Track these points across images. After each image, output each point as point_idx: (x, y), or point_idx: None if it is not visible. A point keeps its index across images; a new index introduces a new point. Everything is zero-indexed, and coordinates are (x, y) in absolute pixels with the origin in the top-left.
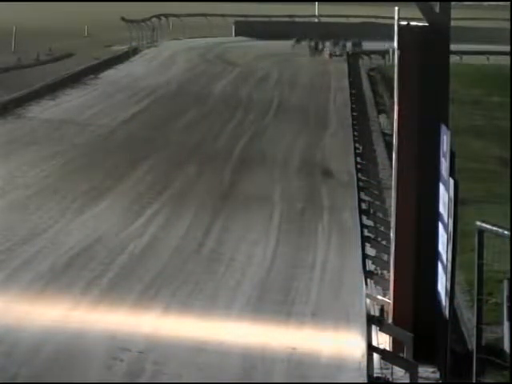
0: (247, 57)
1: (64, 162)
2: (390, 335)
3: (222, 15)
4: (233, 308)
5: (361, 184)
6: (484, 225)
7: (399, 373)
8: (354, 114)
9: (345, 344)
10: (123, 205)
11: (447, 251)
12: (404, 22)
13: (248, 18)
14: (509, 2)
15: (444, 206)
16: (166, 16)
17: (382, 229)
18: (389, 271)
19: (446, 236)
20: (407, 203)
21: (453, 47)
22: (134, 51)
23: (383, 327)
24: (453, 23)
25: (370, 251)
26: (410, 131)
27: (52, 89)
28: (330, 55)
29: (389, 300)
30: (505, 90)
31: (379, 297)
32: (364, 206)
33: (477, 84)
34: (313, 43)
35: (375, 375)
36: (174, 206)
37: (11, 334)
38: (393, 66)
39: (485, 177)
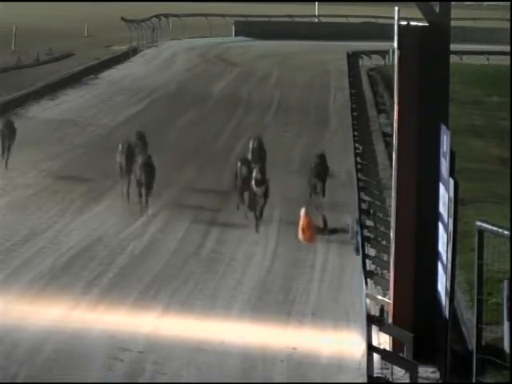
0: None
1: (64, 162)
2: (389, 335)
3: (222, 15)
4: (233, 308)
5: (361, 184)
6: (484, 225)
7: (399, 373)
8: None
9: (345, 344)
10: (123, 205)
11: (447, 251)
12: (404, 22)
13: (248, 18)
14: (509, 2)
15: (444, 206)
16: (166, 16)
17: (382, 229)
18: (389, 271)
19: (445, 236)
20: (407, 203)
21: (453, 47)
22: (134, 51)
23: (383, 327)
24: (453, 23)
25: (370, 251)
26: (409, 131)
27: (52, 89)
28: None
29: (389, 300)
30: (505, 89)
31: (379, 297)
32: (364, 205)
33: (477, 84)
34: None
35: (375, 375)
36: (174, 206)
37: (11, 334)
38: None
39: (484, 177)
